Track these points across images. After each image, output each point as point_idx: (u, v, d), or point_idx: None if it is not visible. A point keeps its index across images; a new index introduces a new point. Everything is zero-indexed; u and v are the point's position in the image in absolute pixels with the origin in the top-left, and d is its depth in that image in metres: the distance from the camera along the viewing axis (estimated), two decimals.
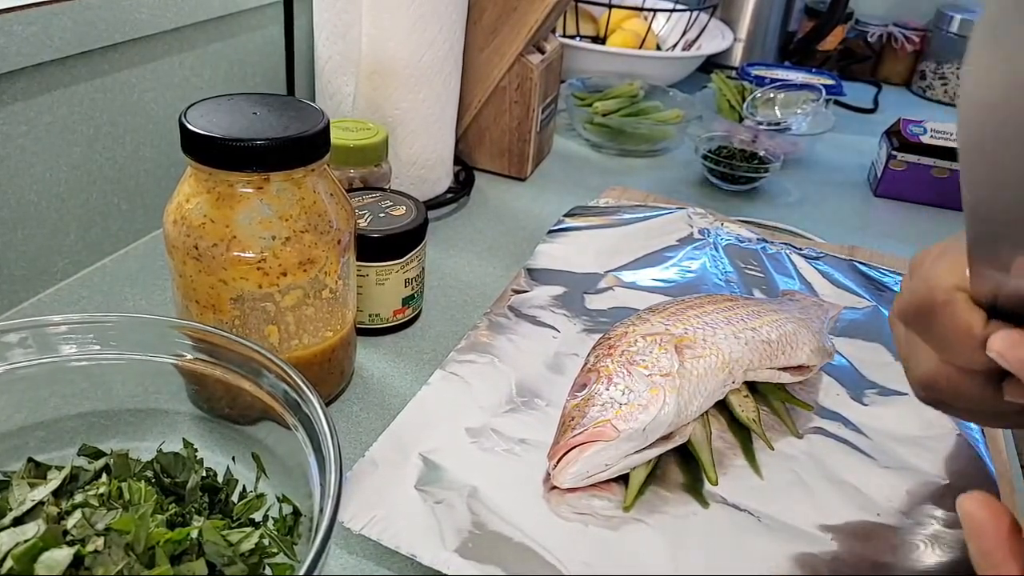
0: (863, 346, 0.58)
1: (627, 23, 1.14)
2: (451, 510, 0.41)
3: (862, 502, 0.45)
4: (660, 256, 0.68)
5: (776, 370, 0.52)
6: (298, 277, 0.44)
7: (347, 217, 0.47)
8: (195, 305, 0.45)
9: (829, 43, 1.29)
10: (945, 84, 1.27)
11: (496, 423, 0.48)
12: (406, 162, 0.72)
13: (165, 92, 0.66)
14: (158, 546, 0.33)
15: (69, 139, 0.59)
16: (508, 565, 0.38)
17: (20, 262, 0.58)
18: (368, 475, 0.43)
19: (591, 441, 0.42)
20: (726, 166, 0.85)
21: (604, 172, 0.89)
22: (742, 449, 0.48)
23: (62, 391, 0.41)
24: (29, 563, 0.31)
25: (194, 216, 0.43)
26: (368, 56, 0.68)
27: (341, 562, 0.41)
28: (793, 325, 0.53)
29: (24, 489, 0.36)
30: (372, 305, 0.57)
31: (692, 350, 0.48)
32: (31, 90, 0.55)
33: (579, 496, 0.43)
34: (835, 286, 0.65)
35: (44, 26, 0.53)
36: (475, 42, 0.78)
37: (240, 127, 0.42)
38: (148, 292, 0.61)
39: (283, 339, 0.46)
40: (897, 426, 0.50)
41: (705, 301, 0.54)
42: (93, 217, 0.63)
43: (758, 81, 1.05)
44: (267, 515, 0.40)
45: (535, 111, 0.80)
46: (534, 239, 0.71)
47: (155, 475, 0.40)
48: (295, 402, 0.38)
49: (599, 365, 0.47)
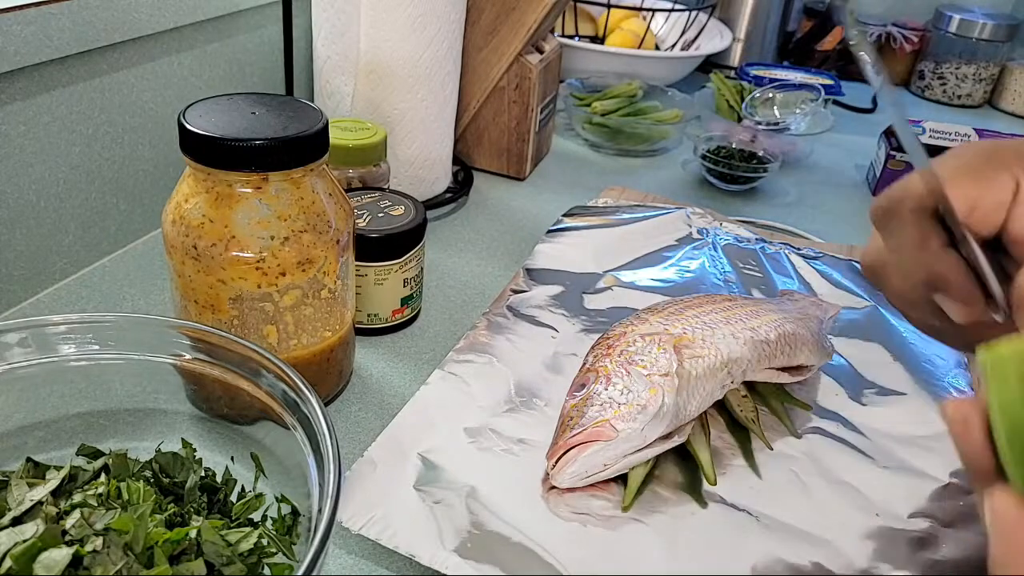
0: (862, 346, 0.58)
1: (626, 23, 1.14)
2: (450, 510, 0.41)
3: (861, 502, 0.45)
4: (659, 256, 0.68)
5: (775, 370, 0.52)
6: (297, 277, 0.44)
7: (346, 217, 0.47)
8: (194, 305, 0.45)
9: (828, 43, 1.30)
10: (944, 84, 1.27)
11: (495, 423, 0.48)
12: (405, 162, 0.72)
13: (164, 92, 0.66)
14: (157, 546, 0.33)
15: (68, 139, 0.59)
16: (507, 565, 0.38)
17: (19, 262, 0.58)
18: (367, 475, 0.43)
19: (590, 441, 0.42)
20: (725, 166, 0.85)
21: (603, 172, 0.89)
22: (741, 449, 0.48)
23: (61, 391, 0.41)
24: (28, 563, 0.31)
25: (193, 216, 0.43)
26: (367, 56, 0.68)
27: (340, 562, 0.41)
28: (792, 325, 0.53)
29: (23, 489, 0.36)
30: (371, 305, 0.57)
31: (691, 350, 0.48)
32: (30, 90, 0.55)
33: (578, 496, 0.43)
34: (834, 286, 0.65)
35: (43, 26, 0.53)
36: (474, 42, 0.78)
37: (239, 127, 0.42)
38: (147, 292, 0.61)
39: (282, 339, 0.46)
40: (896, 426, 0.50)
41: (704, 301, 0.54)
42: (92, 217, 0.63)
43: (757, 81, 1.05)
44: (266, 515, 0.40)
45: (534, 111, 0.80)
46: (533, 239, 0.71)
47: (154, 475, 0.40)
48: (294, 402, 0.38)
49: (598, 365, 0.47)
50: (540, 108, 0.82)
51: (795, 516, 0.43)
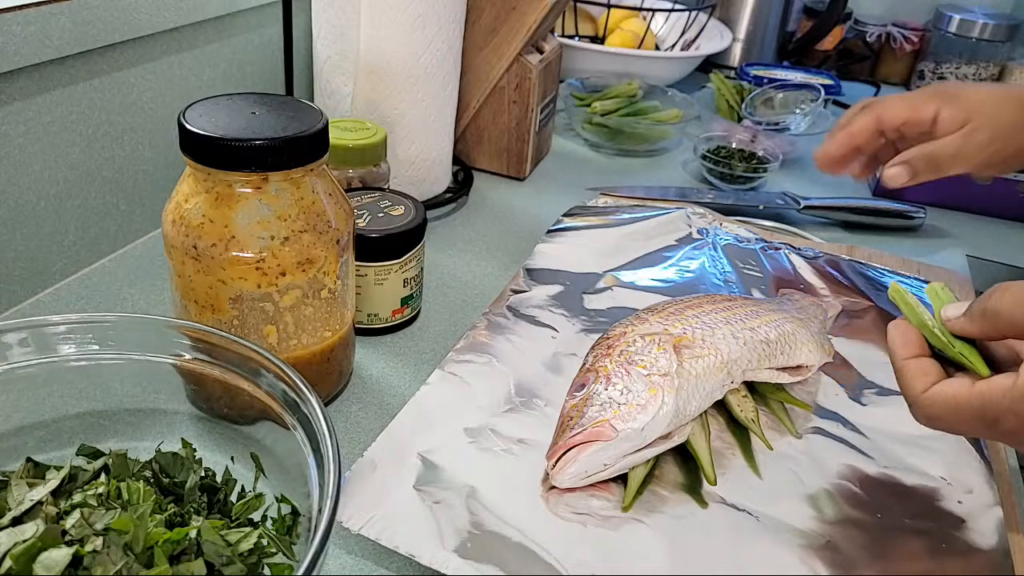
0: (862, 346, 0.58)
1: (626, 23, 1.14)
2: (450, 510, 0.41)
3: (861, 502, 0.45)
4: (659, 256, 0.68)
5: (775, 370, 0.52)
6: (297, 277, 0.44)
7: (346, 217, 0.47)
8: (194, 305, 0.45)
9: (828, 43, 1.30)
10: None
11: (495, 423, 0.48)
12: (405, 162, 0.72)
13: (164, 92, 0.66)
14: (157, 546, 0.33)
15: (68, 139, 0.59)
16: (507, 565, 0.38)
17: (19, 262, 0.58)
18: (367, 475, 0.43)
19: (590, 441, 0.42)
20: (725, 166, 0.85)
21: (603, 172, 0.89)
22: (741, 449, 0.48)
23: (61, 391, 0.41)
24: (28, 563, 0.31)
25: (193, 216, 0.43)
26: (366, 56, 0.68)
27: (340, 562, 0.41)
28: (792, 325, 0.53)
29: (23, 489, 0.36)
30: (371, 305, 0.57)
31: (691, 350, 0.48)
32: (30, 90, 0.55)
33: (578, 496, 0.43)
34: (834, 286, 0.65)
35: (43, 26, 0.53)
36: (474, 42, 0.78)
37: (239, 127, 0.42)
38: (147, 292, 0.61)
39: (282, 339, 0.46)
40: (896, 426, 0.50)
41: (704, 301, 0.54)
42: (92, 217, 0.63)
43: (757, 81, 1.05)
44: (266, 515, 0.40)
45: (534, 111, 0.80)
46: (533, 239, 0.71)
47: (154, 475, 0.40)
48: (294, 402, 0.38)
49: (598, 365, 0.47)
50: (540, 108, 0.82)
51: (795, 516, 0.43)
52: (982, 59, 1.23)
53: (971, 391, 0.36)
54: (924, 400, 0.38)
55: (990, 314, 0.37)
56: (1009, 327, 0.37)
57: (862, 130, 0.58)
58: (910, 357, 0.39)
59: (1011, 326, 0.37)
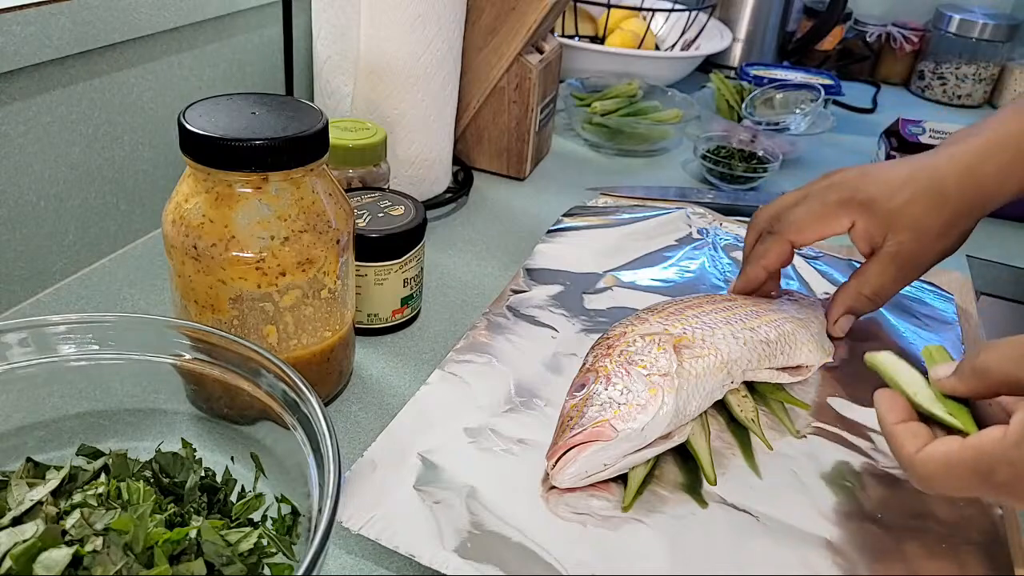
0: (862, 346, 0.58)
1: (626, 23, 1.14)
2: (450, 510, 0.41)
3: (861, 502, 0.45)
4: (659, 256, 0.68)
5: (775, 370, 0.52)
6: (297, 277, 0.44)
7: (346, 217, 0.47)
8: (194, 305, 0.45)
9: (828, 43, 1.29)
10: (944, 84, 1.27)
11: (495, 423, 0.48)
12: (405, 162, 0.72)
13: (163, 92, 0.66)
14: (157, 546, 0.33)
15: (68, 139, 0.59)
16: (507, 565, 0.38)
17: (19, 262, 0.58)
18: (367, 475, 0.43)
19: (589, 441, 0.42)
20: (725, 166, 0.85)
21: (603, 172, 0.89)
22: (741, 449, 0.48)
23: (61, 391, 0.41)
24: (28, 563, 0.31)
25: (193, 216, 0.43)
26: (366, 56, 0.68)
27: (340, 562, 0.41)
28: (792, 325, 0.54)
29: (23, 489, 0.36)
30: (371, 305, 0.57)
31: (691, 350, 0.48)
32: (29, 90, 0.55)
33: (578, 496, 0.43)
34: (834, 286, 0.65)
35: (43, 26, 0.53)
36: (474, 42, 0.78)
37: (239, 127, 0.42)
38: (147, 292, 0.61)
39: (282, 339, 0.46)
40: None
41: (704, 301, 0.54)
42: (92, 217, 0.63)
43: (757, 81, 1.05)
44: (266, 515, 0.40)
45: (534, 111, 0.80)
46: (533, 239, 0.71)
47: (154, 475, 0.40)
48: (294, 402, 0.38)
49: (598, 365, 0.47)
50: (540, 108, 0.82)
51: (795, 516, 0.43)
52: (982, 59, 1.24)
53: (963, 445, 0.36)
54: (918, 461, 0.37)
55: (979, 371, 0.37)
56: (999, 384, 0.36)
57: (777, 262, 0.56)
58: (898, 422, 0.39)
59: (1001, 383, 0.36)
